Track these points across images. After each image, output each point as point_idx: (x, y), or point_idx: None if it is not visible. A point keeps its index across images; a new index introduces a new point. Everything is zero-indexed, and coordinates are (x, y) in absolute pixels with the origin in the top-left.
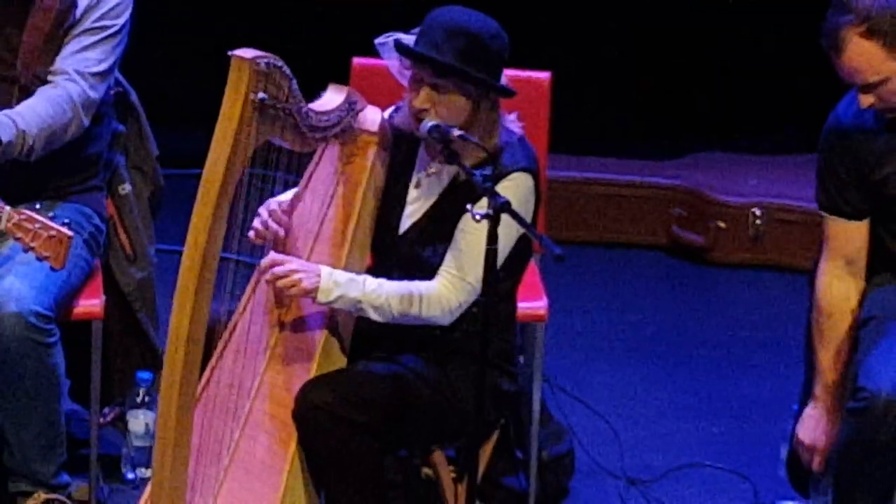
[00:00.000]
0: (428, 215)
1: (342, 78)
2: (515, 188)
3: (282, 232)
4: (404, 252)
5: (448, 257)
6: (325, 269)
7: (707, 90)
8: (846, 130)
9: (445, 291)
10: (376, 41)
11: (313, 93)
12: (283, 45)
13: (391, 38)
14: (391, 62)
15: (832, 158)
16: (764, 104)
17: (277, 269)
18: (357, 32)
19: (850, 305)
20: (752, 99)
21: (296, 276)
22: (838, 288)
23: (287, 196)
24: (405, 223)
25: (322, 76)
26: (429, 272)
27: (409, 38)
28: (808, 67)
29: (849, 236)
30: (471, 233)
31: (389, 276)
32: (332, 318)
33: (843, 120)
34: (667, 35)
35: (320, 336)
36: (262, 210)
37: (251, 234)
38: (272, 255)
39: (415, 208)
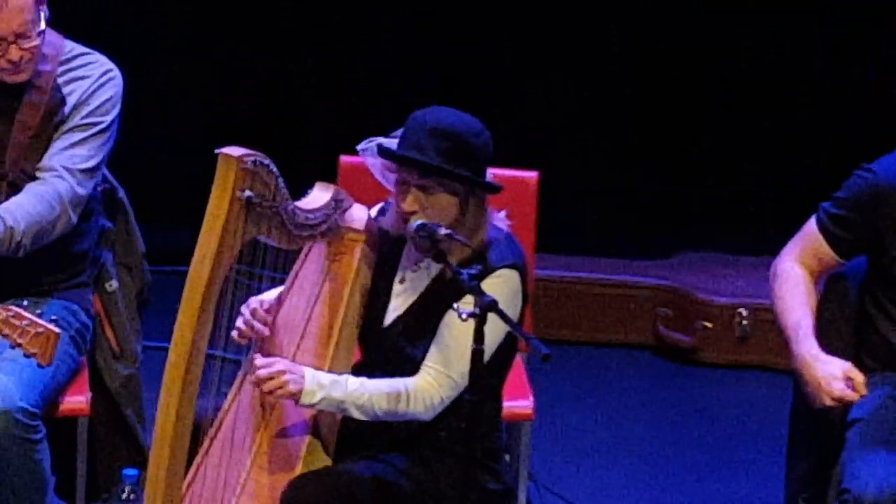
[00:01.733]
0: (412, 310)
1: (329, 176)
2: (502, 285)
3: (265, 331)
4: (388, 346)
5: (432, 352)
6: (308, 372)
7: (693, 191)
8: (885, 188)
9: (428, 387)
10: (359, 148)
11: (300, 191)
12: (270, 143)
13: (373, 144)
14: (373, 164)
15: (863, 206)
16: (750, 203)
17: (262, 372)
18: (344, 131)
19: (813, 280)
20: (738, 199)
21: (281, 379)
22: (801, 269)
23: (271, 294)
24: (390, 316)
25: (309, 174)
26: (413, 368)
27: (390, 142)
28: (794, 165)
29: (822, 259)
30: (455, 328)
31: (374, 371)
32: (318, 417)
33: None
34: (653, 135)
35: (306, 434)
36: (244, 309)
37: (234, 333)
38: (259, 357)
39: (399, 302)
